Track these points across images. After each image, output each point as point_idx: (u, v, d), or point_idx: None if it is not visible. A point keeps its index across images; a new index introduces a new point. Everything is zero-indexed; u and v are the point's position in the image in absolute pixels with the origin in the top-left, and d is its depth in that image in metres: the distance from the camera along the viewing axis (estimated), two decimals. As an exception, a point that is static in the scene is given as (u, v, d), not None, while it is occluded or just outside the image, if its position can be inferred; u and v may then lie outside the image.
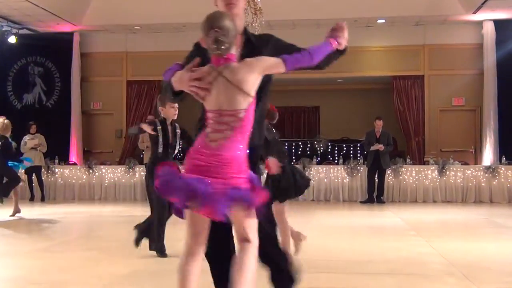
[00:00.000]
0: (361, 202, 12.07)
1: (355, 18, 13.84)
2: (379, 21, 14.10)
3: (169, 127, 5.74)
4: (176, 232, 7.63)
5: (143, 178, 12.77)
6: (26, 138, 12.74)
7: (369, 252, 6.08)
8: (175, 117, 5.81)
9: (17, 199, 9.52)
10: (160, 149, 5.63)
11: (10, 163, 9.54)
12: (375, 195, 12.02)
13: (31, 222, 9.14)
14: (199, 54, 2.89)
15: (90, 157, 14.68)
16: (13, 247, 6.56)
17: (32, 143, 12.57)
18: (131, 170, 12.98)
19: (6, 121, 9.50)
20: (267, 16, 12.42)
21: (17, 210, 9.37)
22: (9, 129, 9.47)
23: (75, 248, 5.54)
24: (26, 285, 4.50)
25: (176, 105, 5.65)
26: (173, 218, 7.11)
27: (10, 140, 9.54)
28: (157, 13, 14.03)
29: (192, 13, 13.90)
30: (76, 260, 5.34)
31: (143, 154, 12.85)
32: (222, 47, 2.69)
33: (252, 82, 2.74)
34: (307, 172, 12.49)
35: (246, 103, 2.73)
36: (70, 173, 13.32)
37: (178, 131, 5.80)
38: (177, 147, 5.80)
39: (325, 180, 12.54)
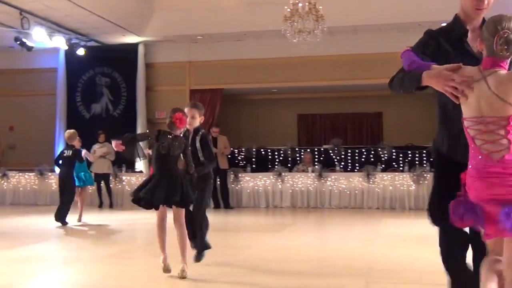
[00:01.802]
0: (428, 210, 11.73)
1: (418, 22, 13.52)
2: (443, 24, 13.70)
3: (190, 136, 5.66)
4: (241, 240, 7.67)
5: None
6: (95, 146, 13.16)
7: (439, 262, 5.88)
8: (190, 127, 5.61)
9: (82, 206, 9.91)
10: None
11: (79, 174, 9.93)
12: (442, 202, 11.66)
13: (101, 229, 9.40)
14: (432, 43, 2.97)
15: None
16: (84, 252, 6.76)
17: (101, 152, 12.97)
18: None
19: (71, 130, 9.89)
20: (328, 23, 12.41)
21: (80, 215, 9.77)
22: (72, 138, 9.75)
23: (144, 254, 5.65)
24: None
25: (188, 115, 5.49)
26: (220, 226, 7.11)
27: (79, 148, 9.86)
28: (218, 23, 14.20)
29: (252, 22, 14.03)
30: (146, 266, 5.44)
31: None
32: None
33: None
34: (370, 180, 12.30)
35: (509, 111, 2.55)
36: (136, 180, 13.60)
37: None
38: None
39: (390, 187, 12.29)
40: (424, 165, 13.11)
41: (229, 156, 13.40)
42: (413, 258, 6.15)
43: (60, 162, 9.85)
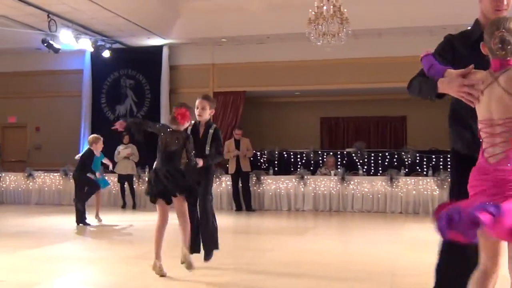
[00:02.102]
0: (451, 215, 11.62)
1: (443, 26, 13.41)
2: (469, 28, 13.57)
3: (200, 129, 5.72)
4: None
5: (229, 187, 12.99)
6: (120, 148, 13.30)
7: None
8: (200, 118, 5.68)
9: (98, 206, 10.04)
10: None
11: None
12: (466, 208, 11.55)
13: (124, 229, 9.49)
14: (447, 47, 3.07)
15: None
16: (108, 253, 6.83)
17: (125, 153, 13.11)
18: (217, 180, 13.18)
19: (94, 135, 10.14)
20: (352, 26, 12.38)
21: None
22: (90, 142, 9.95)
23: (166, 255, 5.66)
24: (122, 291, 4.67)
25: (199, 106, 5.61)
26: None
27: (93, 151, 9.96)
28: (242, 25, 14.25)
29: (276, 25, 14.05)
30: (168, 267, 5.48)
31: (229, 164, 13.07)
32: (509, 47, 2.59)
33: None
34: (394, 184, 12.22)
35: None
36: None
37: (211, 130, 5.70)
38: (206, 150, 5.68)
39: (414, 192, 12.19)
40: (449, 169, 12.96)
41: (252, 158, 13.42)
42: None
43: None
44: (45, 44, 13.57)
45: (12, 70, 17.09)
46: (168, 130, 5.21)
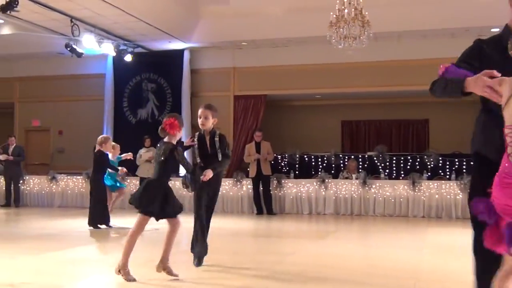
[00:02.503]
0: (475, 219, 11.48)
1: (466, 28, 13.30)
2: (492, 30, 13.39)
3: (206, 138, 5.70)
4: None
5: (250, 191, 13.00)
6: (141, 151, 13.40)
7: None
8: (203, 127, 5.72)
9: (111, 207, 10.15)
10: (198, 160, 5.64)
11: (109, 180, 10.14)
12: (490, 212, 11.40)
13: (147, 232, 9.52)
14: (475, 52, 3.10)
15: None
16: (131, 255, 6.86)
17: (147, 156, 13.20)
18: (238, 183, 13.20)
19: (103, 135, 10.08)
20: (374, 28, 12.30)
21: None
22: (103, 143, 9.76)
23: (188, 259, 5.69)
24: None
25: (202, 115, 5.62)
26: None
27: (106, 152, 9.89)
28: (263, 29, 14.28)
29: (296, 28, 14.04)
30: (191, 272, 5.50)
31: (249, 168, 13.07)
32: None
33: None
34: (416, 187, 12.11)
35: None
36: (181, 185, 13.74)
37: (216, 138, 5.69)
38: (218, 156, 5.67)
39: (436, 196, 12.07)
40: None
41: (272, 162, 13.40)
42: (461, 269, 6.01)
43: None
44: (68, 49, 13.73)
45: (35, 75, 17.35)
46: (161, 141, 5.23)
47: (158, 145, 5.29)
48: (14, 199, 14.31)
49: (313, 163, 14.59)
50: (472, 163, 3.45)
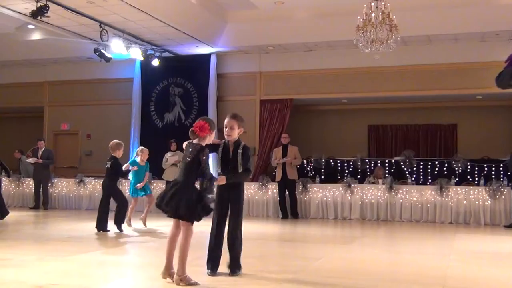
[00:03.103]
0: (505, 226, 11.30)
1: (496, 32, 13.12)
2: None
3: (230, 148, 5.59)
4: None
5: (275, 195, 12.98)
6: (168, 155, 13.49)
7: (517, 281, 5.65)
8: (228, 137, 5.59)
9: (130, 214, 10.16)
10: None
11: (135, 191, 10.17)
12: (520, 219, 11.22)
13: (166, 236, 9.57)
14: None
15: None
16: (157, 259, 6.89)
17: (173, 160, 13.28)
18: (264, 187, 13.20)
19: (116, 141, 9.96)
20: (402, 32, 12.19)
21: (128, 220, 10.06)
22: (116, 149, 9.76)
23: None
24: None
25: (227, 125, 5.55)
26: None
27: (118, 160, 9.81)
28: (289, 33, 14.29)
29: (323, 32, 14.01)
30: (213, 276, 5.50)
31: (275, 172, 13.06)
32: None
33: None
34: (444, 193, 11.96)
35: None
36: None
37: (240, 151, 5.58)
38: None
39: (465, 202, 11.90)
40: (501, 179, 12.61)
41: (298, 166, 13.37)
42: (489, 277, 5.92)
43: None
44: (97, 53, 13.93)
45: (65, 79, 17.64)
46: (189, 142, 5.23)
47: (186, 146, 5.27)
48: (43, 201, 14.53)
49: (339, 168, 14.52)
50: (501, 169, 3.37)
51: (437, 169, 13.70)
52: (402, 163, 13.83)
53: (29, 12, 11.39)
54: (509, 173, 12.04)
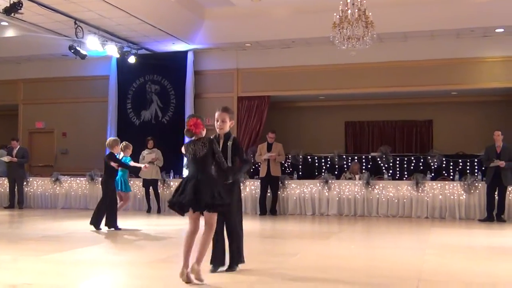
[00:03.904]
0: (479, 220, 11.46)
1: (471, 28, 13.28)
2: (497, 30, 13.41)
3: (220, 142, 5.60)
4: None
5: (253, 192, 12.99)
6: (144, 152, 13.40)
7: (493, 274, 5.74)
8: (221, 131, 5.61)
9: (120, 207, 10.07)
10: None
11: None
12: (494, 213, 11.37)
13: (149, 234, 9.55)
14: None
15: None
16: (133, 257, 6.87)
17: (150, 157, 13.19)
18: (241, 185, 13.16)
19: (112, 138, 9.94)
20: (378, 29, 12.27)
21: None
22: (115, 145, 9.70)
23: (191, 260, 5.67)
24: (146, 294, 4.68)
25: (219, 119, 5.58)
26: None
27: (116, 156, 9.74)
28: (267, 30, 14.29)
29: (300, 29, 14.04)
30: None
31: (258, 165, 13.06)
32: None
33: None
34: (419, 188, 12.09)
35: None
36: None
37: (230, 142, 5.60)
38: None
39: (440, 196, 12.04)
40: (476, 174, 12.78)
41: (283, 163, 13.43)
42: (464, 270, 6.00)
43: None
44: (72, 51, 13.77)
45: (39, 76, 17.40)
46: (191, 141, 5.20)
47: (187, 145, 5.21)
48: (18, 200, 14.34)
49: (317, 164, 14.57)
50: (476, 164, 3.39)
51: (413, 164, 13.83)
52: (378, 159, 13.94)
53: (2, 8, 11.20)
54: (483, 168, 12.19)
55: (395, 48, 14.48)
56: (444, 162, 13.57)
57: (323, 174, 13.42)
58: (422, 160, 13.79)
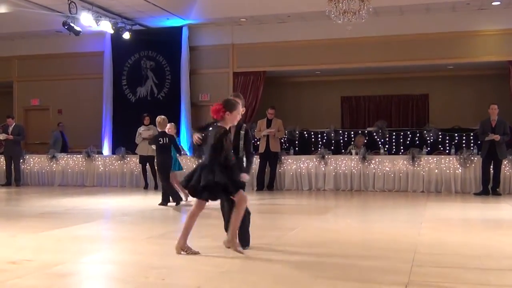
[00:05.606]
0: (475, 194, 11.53)
1: (467, 1, 13.20)
2: (494, 3, 13.33)
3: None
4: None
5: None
6: (141, 129, 13.37)
7: (487, 246, 5.80)
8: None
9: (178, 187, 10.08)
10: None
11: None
12: (490, 186, 11.45)
13: (146, 210, 9.59)
14: None
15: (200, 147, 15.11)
16: (131, 232, 6.92)
17: (146, 134, 13.17)
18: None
19: (163, 116, 10.23)
20: (373, 3, 12.16)
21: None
22: (162, 125, 10.07)
23: (190, 235, 5.72)
24: (146, 269, 4.73)
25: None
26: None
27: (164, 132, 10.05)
28: (262, 5, 14.16)
29: (296, 3, 13.91)
30: (191, 246, 5.53)
31: (257, 140, 13.05)
32: None
33: None
34: (415, 162, 12.13)
35: None
36: (181, 162, 13.77)
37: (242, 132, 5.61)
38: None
39: (436, 171, 12.10)
40: (472, 148, 12.83)
41: (282, 139, 13.47)
42: (459, 243, 6.06)
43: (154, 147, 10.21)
44: (66, 27, 13.64)
45: (33, 53, 17.25)
46: (213, 124, 5.21)
47: (211, 128, 5.23)
48: (15, 178, 14.36)
49: (313, 139, 14.59)
50: (471, 138, 3.39)
51: (409, 139, 13.87)
52: (375, 134, 13.96)
53: (-6, -16, 11.06)
54: (479, 142, 12.24)
55: (391, 22, 14.39)
56: (440, 136, 13.61)
57: (319, 149, 13.44)
58: (418, 135, 13.83)
